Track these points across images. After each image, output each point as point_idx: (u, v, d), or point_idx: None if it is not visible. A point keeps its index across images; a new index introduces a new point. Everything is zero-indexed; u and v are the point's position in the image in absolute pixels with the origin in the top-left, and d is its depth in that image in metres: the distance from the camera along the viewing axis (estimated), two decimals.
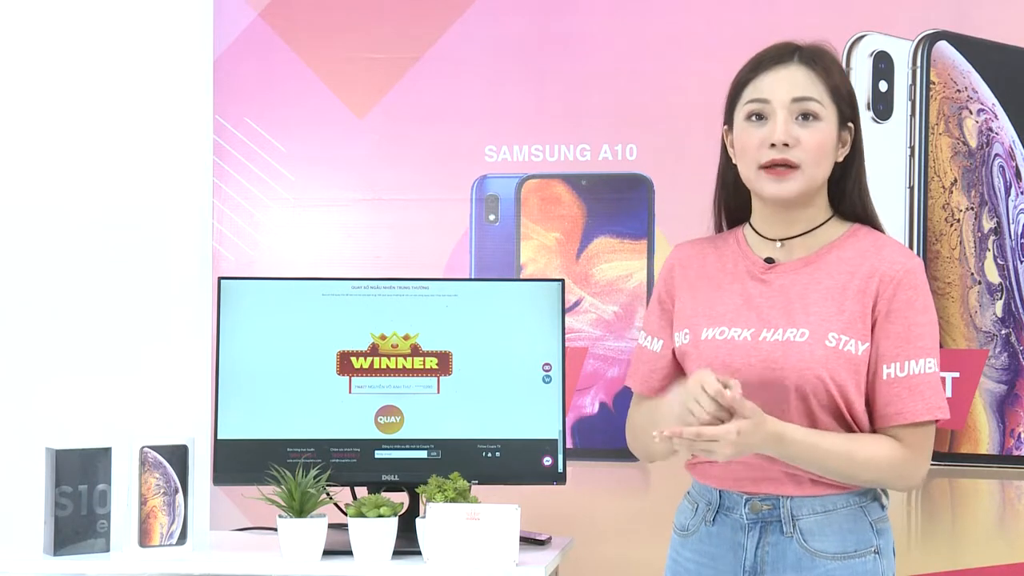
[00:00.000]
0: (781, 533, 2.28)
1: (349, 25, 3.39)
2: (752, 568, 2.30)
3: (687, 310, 2.39)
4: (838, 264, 2.30)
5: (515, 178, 3.35)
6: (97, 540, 2.70)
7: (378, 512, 2.63)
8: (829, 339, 2.25)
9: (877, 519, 2.32)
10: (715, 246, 2.42)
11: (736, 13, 3.25)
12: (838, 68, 2.35)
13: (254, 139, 3.42)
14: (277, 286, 2.96)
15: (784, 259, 2.34)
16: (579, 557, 2.97)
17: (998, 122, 3.17)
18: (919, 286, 2.28)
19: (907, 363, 2.25)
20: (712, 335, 2.33)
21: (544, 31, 3.34)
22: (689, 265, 2.43)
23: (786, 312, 2.29)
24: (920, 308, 2.27)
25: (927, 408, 2.25)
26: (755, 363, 2.27)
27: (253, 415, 2.89)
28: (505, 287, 3.07)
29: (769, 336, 2.28)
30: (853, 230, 2.35)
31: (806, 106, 2.28)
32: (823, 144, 2.28)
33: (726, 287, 2.36)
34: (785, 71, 2.30)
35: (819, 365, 2.24)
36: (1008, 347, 3.16)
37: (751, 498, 2.30)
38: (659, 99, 3.28)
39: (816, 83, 2.29)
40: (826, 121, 2.29)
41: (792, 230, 2.34)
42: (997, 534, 3.16)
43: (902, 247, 2.36)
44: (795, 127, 2.27)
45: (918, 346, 2.25)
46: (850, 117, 2.34)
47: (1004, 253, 3.16)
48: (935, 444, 3.17)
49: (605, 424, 3.29)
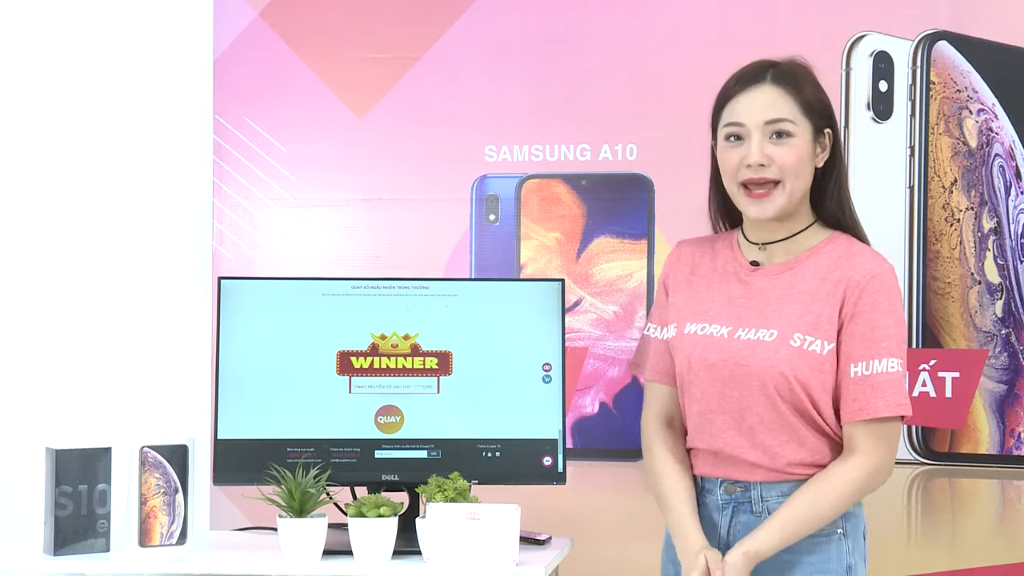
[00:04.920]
0: (751, 513, 2.44)
1: (349, 25, 3.39)
2: (725, 545, 2.44)
3: (679, 304, 2.53)
4: (814, 271, 2.43)
5: (515, 178, 3.35)
6: (97, 540, 2.69)
7: (378, 512, 2.63)
8: (794, 339, 2.38)
9: None
10: (713, 246, 2.55)
11: (736, 13, 3.25)
12: (810, 82, 2.45)
13: (254, 139, 3.42)
14: (277, 286, 2.96)
15: (766, 262, 2.47)
16: (579, 557, 2.97)
17: (998, 122, 3.17)
18: (884, 290, 2.38)
19: (871, 362, 2.36)
20: (695, 330, 2.48)
21: (544, 31, 3.34)
22: (686, 262, 2.56)
23: (761, 313, 2.43)
24: (884, 311, 2.37)
25: (887, 405, 2.36)
26: (727, 359, 2.42)
27: (253, 415, 2.89)
28: (505, 287, 3.07)
29: (743, 335, 2.42)
30: (832, 237, 2.47)
31: (779, 127, 2.40)
32: (799, 158, 2.41)
33: (715, 285, 2.50)
34: (758, 93, 2.42)
35: (783, 363, 2.38)
36: (1008, 347, 3.16)
37: (725, 481, 2.45)
38: (659, 99, 3.28)
39: (787, 102, 2.41)
40: (799, 136, 2.41)
41: (774, 236, 2.47)
42: (997, 534, 3.16)
43: (874, 255, 2.44)
44: (769, 146, 2.40)
45: (881, 346, 2.36)
46: (825, 125, 2.45)
47: (1004, 253, 3.16)
48: (935, 444, 3.20)
49: (605, 424, 3.29)
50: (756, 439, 2.41)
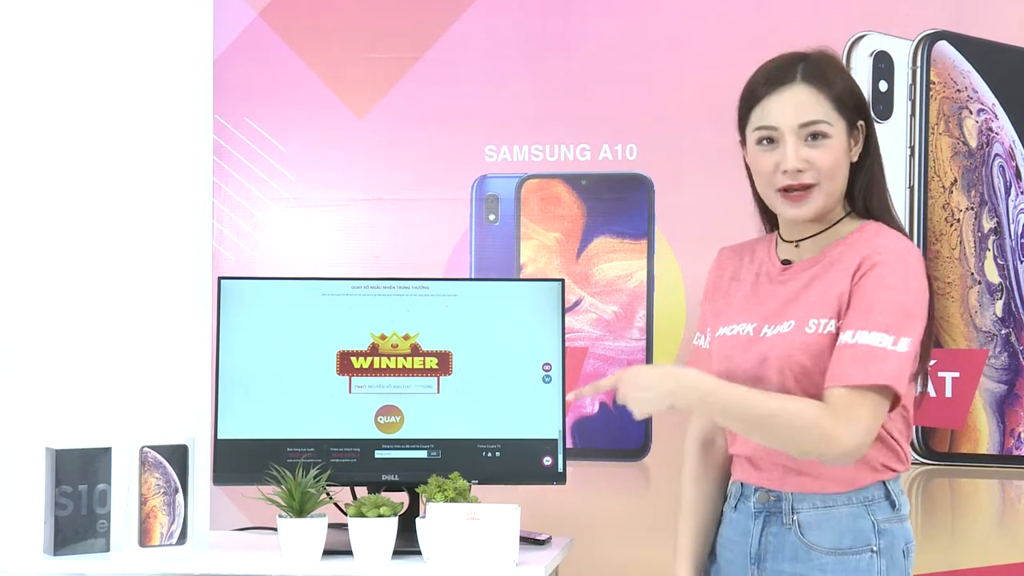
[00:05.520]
0: (782, 524, 2.35)
1: (349, 25, 3.39)
2: (757, 554, 2.37)
3: (715, 311, 2.49)
4: (839, 258, 2.34)
5: (515, 178, 3.35)
6: (97, 540, 2.69)
7: (378, 512, 2.63)
8: (809, 325, 2.30)
9: (884, 519, 2.33)
10: (752, 250, 2.50)
11: (736, 13, 3.25)
12: (841, 75, 2.36)
13: (254, 139, 3.42)
14: (277, 286, 2.96)
15: (797, 259, 2.40)
16: (579, 557, 2.97)
17: (998, 122, 3.17)
18: (896, 264, 2.27)
19: (859, 332, 2.24)
20: (724, 332, 2.42)
21: (544, 31, 3.33)
22: (727, 269, 2.51)
23: (785, 307, 2.36)
24: (889, 284, 2.26)
25: (866, 374, 2.22)
26: (749, 357, 2.36)
27: (253, 415, 2.89)
28: (505, 287, 3.07)
29: (768, 331, 2.35)
30: (861, 227, 2.38)
31: (814, 128, 2.31)
32: (836, 160, 2.32)
33: (748, 288, 2.45)
34: (789, 93, 2.32)
35: (798, 351, 2.30)
36: (1008, 347, 3.16)
37: (759, 489, 2.38)
38: (659, 99, 3.28)
39: (820, 101, 2.32)
40: (835, 136, 2.32)
41: (808, 232, 2.40)
42: (997, 534, 3.16)
43: (899, 237, 2.35)
44: (805, 149, 2.31)
45: (874, 319, 2.24)
46: (859, 118, 2.37)
47: (1004, 253, 3.16)
48: (935, 444, 3.20)
49: (605, 424, 3.29)
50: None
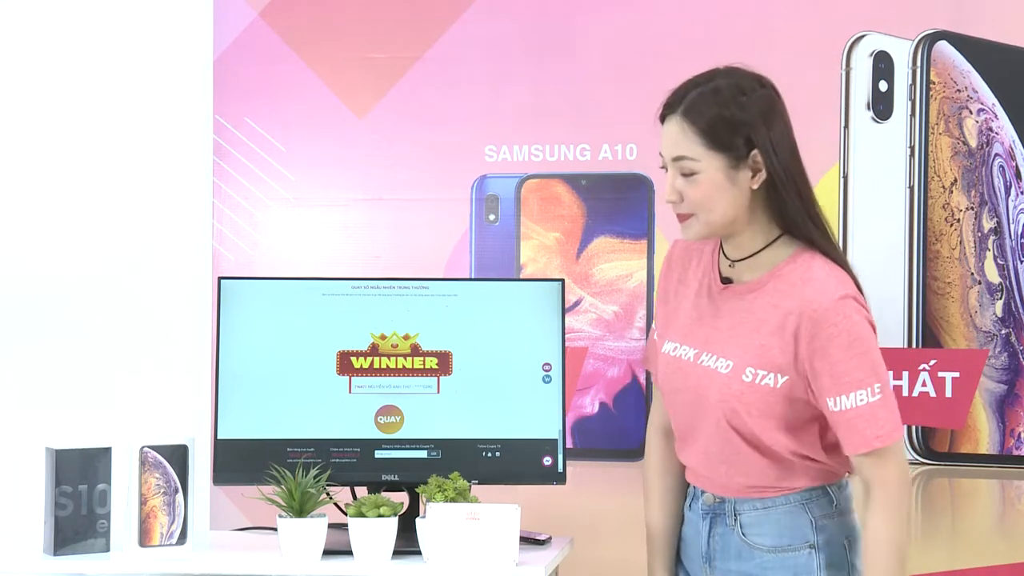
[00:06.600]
0: (726, 525, 2.43)
1: (349, 25, 3.39)
2: (707, 553, 2.46)
3: (662, 316, 2.53)
4: (772, 295, 2.37)
5: (515, 178, 3.35)
6: (97, 540, 2.69)
7: (378, 512, 2.63)
8: (747, 374, 2.36)
9: (822, 515, 2.39)
10: (700, 252, 2.50)
11: (737, 13, 3.25)
12: (721, 106, 2.34)
13: (254, 139, 3.42)
14: (277, 286, 2.96)
15: (736, 279, 2.43)
16: (579, 557, 2.97)
17: (998, 122, 3.17)
18: (839, 322, 2.30)
19: (839, 399, 2.31)
20: (668, 349, 2.47)
21: (544, 31, 3.33)
22: (676, 268, 2.53)
23: (724, 338, 2.40)
24: (842, 344, 2.30)
25: (864, 441, 2.31)
26: (691, 385, 2.42)
27: (253, 415, 2.89)
28: (505, 287, 3.07)
29: (706, 360, 2.40)
30: (794, 255, 2.38)
31: (682, 165, 2.37)
32: (705, 194, 2.35)
33: (692, 299, 2.47)
34: (668, 125, 2.40)
35: (734, 399, 2.36)
36: (1008, 347, 3.16)
37: (706, 492, 2.46)
38: (659, 99, 3.25)
39: (687, 135, 2.36)
40: (704, 172, 2.35)
41: (738, 253, 2.42)
42: (997, 534, 3.16)
43: (826, 282, 2.34)
44: (680, 180, 2.37)
45: (844, 382, 2.30)
46: (749, 148, 2.34)
47: (1004, 253, 3.16)
48: (935, 444, 3.21)
49: (605, 424, 3.29)
50: (712, 462, 2.42)
